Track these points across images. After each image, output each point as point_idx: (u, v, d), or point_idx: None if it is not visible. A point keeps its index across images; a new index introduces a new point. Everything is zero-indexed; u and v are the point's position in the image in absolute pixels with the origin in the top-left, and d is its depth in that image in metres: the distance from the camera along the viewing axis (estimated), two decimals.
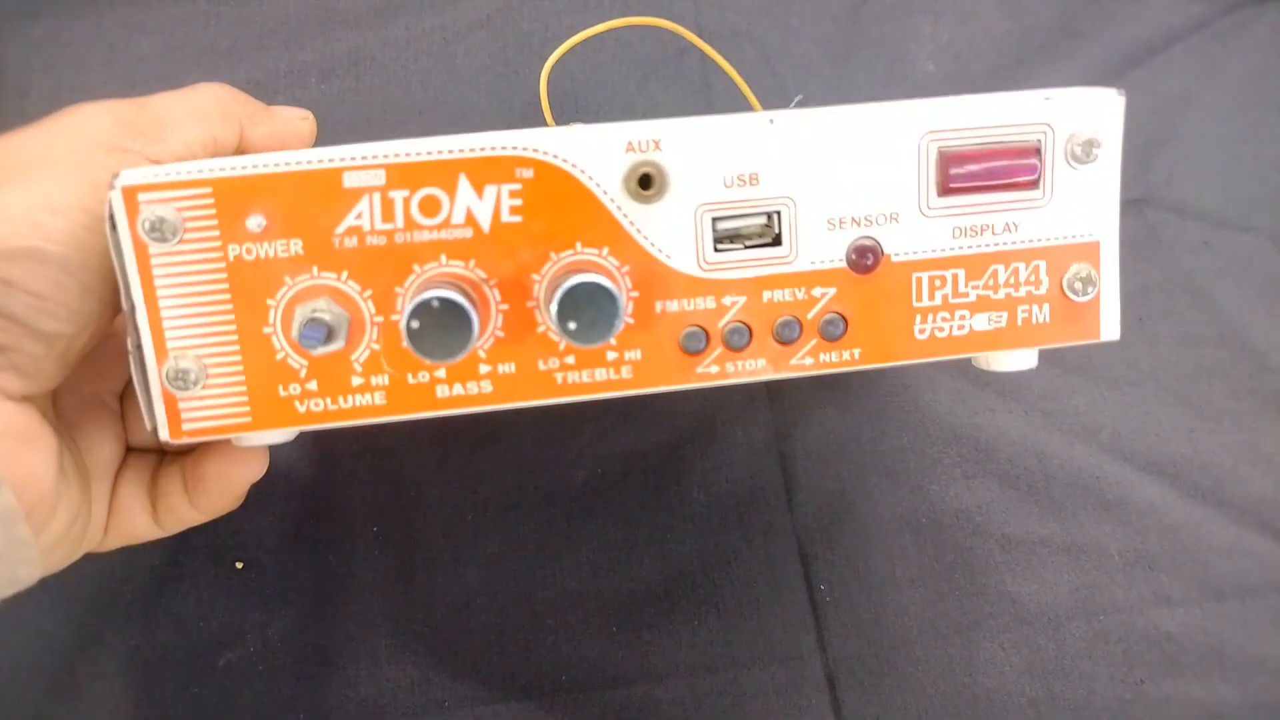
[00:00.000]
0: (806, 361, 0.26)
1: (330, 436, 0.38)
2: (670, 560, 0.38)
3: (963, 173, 0.25)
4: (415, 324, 0.22)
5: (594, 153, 0.24)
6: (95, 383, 0.29)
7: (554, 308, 0.23)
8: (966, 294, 0.26)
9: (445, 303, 0.22)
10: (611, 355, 0.25)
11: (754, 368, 0.26)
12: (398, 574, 0.37)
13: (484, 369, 0.25)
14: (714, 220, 0.25)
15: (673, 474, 0.39)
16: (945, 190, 0.25)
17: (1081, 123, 0.26)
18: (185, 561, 0.36)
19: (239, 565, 0.36)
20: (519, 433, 0.39)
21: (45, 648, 0.35)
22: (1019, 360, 0.27)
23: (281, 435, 0.26)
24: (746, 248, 0.25)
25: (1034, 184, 0.26)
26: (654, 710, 0.36)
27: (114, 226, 0.23)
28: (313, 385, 0.24)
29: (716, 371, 0.25)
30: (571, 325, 0.23)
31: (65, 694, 0.35)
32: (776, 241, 0.25)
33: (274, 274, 0.24)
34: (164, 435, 0.24)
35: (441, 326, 0.22)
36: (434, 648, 0.36)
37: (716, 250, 0.25)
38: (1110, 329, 0.27)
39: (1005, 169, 0.26)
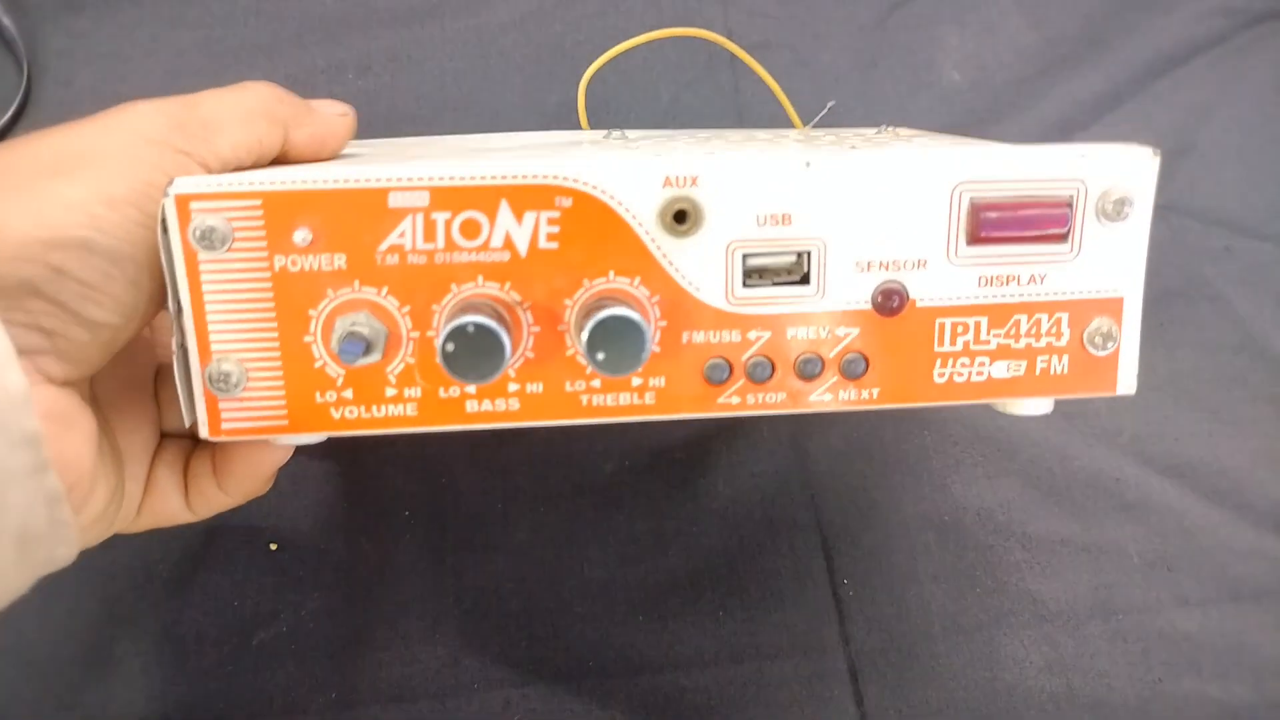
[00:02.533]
0: (825, 398, 0.26)
1: None
2: (696, 552, 0.38)
3: (993, 223, 0.26)
4: (450, 346, 0.23)
5: (632, 185, 0.25)
6: (131, 369, 0.29)
7: (584, 337, 0.24)
8: (988, 342, 0.26)
9: (480, 328, 0.23)
10: (636, 381, 0.26)
11: (774, 401, 0.26)
12: (429, 559, 0.37)
13: (513, 387, 0.25)
14: (744, 257, 0.25)
15: (699, 468, 0.40)
16: (975, 239, 0.26)
17: (1115, 180, 0.26)
18: (221, 542, 0.37)
19: (273, 547, 0.37)
20: (549, 425, 0.40)
21: (83, 624, 0.36)
22: (1034, 407, 0.28)
23: (314, 438, 0.26)
24: (774, 285, 0.26)
25: (1063, 238, 0.26)
26: (679, 698, 0.37)
27: (165, 231, 0.24)
28: (348, 394, 0.25)
29: (737, 403, 0.26)
30: (600, 355, 0.23)
31: (101, 669, 0.35)
32: (804, 280, 0.26)
33: (317, 286, 0.24)
34: (204, 433, 0.25)
35: (475, 350, 0.23)
36: (464, 631, 0.36)
37: (745, 286, 0.25)
38: (1127, 384, 0.27)
39: (1036, 221, 0.26)
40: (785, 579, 0.38)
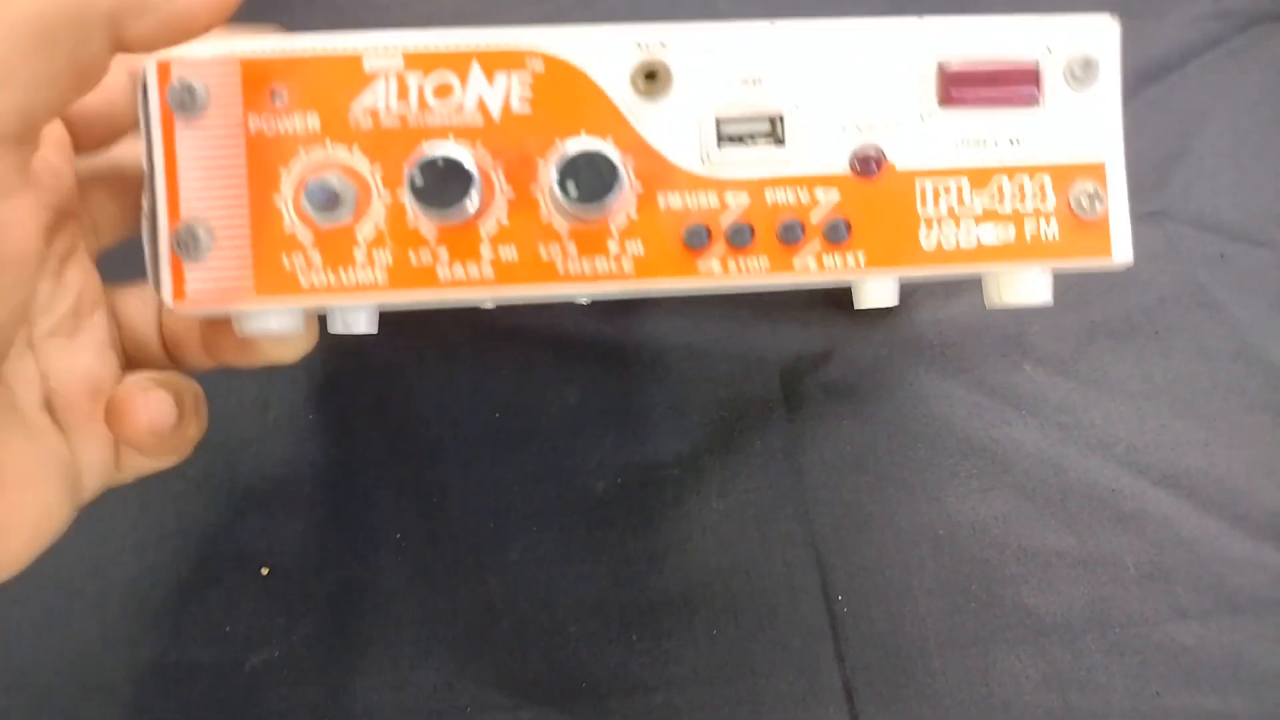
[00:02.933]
0: (810, 263, 0.26)
1: (355, 444, 0.39)
2: (689, 569, 0.38)
3: (962, 87, 0.26)
4: (419, 180, 0.24)
5: (603, 50, 0.25)
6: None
7: (554, 170, 0.24)
8: (972, 205, 0.27)
9: (449, 162, 0.24)
10: (614, 247, 0.26)
11: (757, 266, 0.26)
12: (421, 580, 0.37)
13: (486, 253, 0.25)
14: (718, 120, 0.26)
15: (692, 483, 0.39)
16: (946, 102, 0.26)
17: (1078, 45, 0.27)
18: (212, 567, 0.37)
19: (265, 571, 0.37)
20: (541, 442, 0.40)
21: (75, 649, 0.35)
22: (1031, 290, 0.27)
23: (281, 319, 0.26)
24: (750, 148, 0.26)
25: (1034, 100, 0.27)
26: (673, 717, 0.36)
27: (145, 95, 0.24)
28: (317, 258, 0.25)
29: (719, 269, 0.26)
30: (570, 186, 0.24)
31: (94, 695, 0.35)
32: (779, 143, 0.26)
33: (289, 147, 0.25)
34: (168, 300, 0.25)
35: (443, 180, 0.24)
36: (456, 654, 0.36)
37: (719, 148, 0.26)
38: (1122, 251, 0.27)
39: (1004, 84, 0.27)
40: (779, 596, 0.38)
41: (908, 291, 0.45)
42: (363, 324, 0.35)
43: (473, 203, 0.25)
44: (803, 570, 0.38)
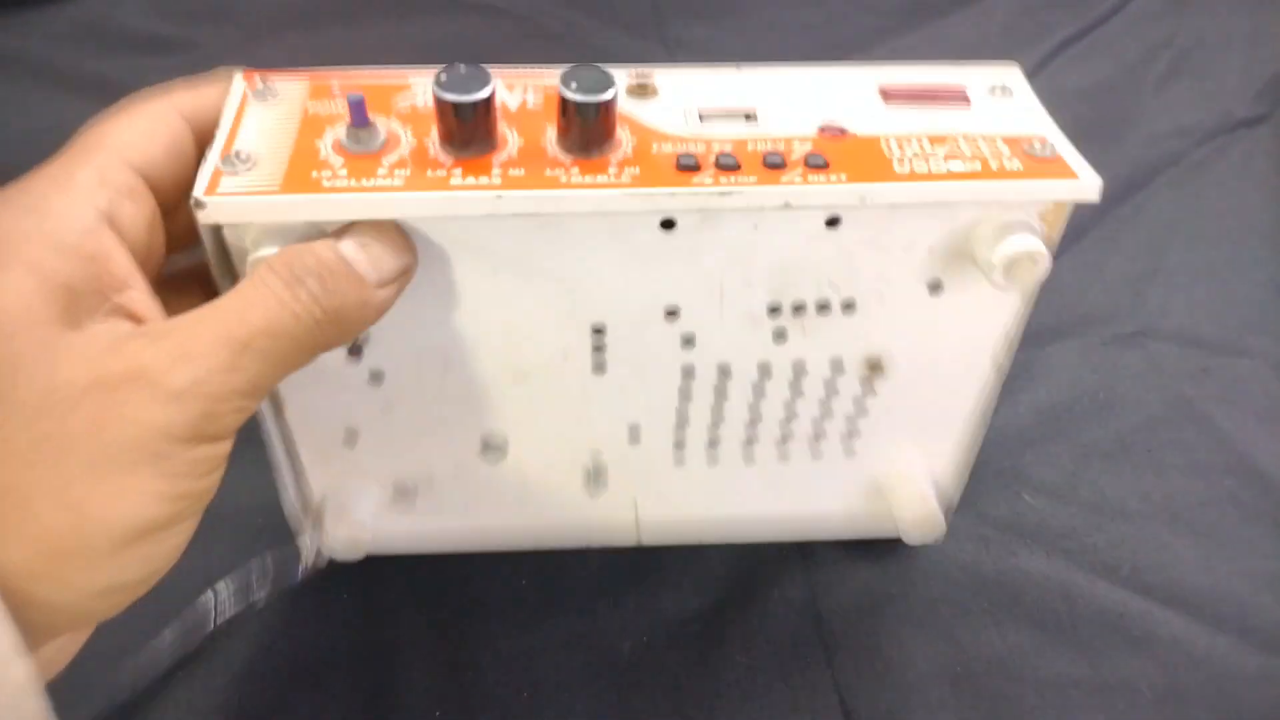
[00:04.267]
0: (795, 179, 0.29)
1: (386, 624, 0.40)
2: None
3: (898, 93, 0.32)
4: (444, 76, 0.27)
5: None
6: None
7: (560, 80, 0.28)
8: (935, 152, 0.30)
9: (471, 67, 0.28)
10: (613, 170, 0.29)
11: (746, 182, 0.29)
12: None
13: (496, 171, 0.28)
14: (700, 113, 0.31)
15: (715, 639, 0.41)
16: (888, 99, 0.31)
17: (993, 79, 0.32)
18: None
19: None
20: (567, 607, 0.41)
21: None
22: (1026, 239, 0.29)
23: (296, 212, 0.28)
24: (730, 123, 0.31)
25: (964, 103, 0.31)
26: None
27: (233, 88, 0.31)
28: (343, 171, 0.28)
29: (710, 183, 0.28)
30: (573, 84, 0.28)
31: None
32: (754, 121, 0.31)
33: (338, 116, 0.30)
34: (198, 190, 0.27)
35: (465, 78, 0.28)
36: None
37: (702, 123, 0.31)
38: (1089, 176, 0.29)
39: (935, 91, 0.32)
40: None
41: None
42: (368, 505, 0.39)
43: (488, 140, 0.29)
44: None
